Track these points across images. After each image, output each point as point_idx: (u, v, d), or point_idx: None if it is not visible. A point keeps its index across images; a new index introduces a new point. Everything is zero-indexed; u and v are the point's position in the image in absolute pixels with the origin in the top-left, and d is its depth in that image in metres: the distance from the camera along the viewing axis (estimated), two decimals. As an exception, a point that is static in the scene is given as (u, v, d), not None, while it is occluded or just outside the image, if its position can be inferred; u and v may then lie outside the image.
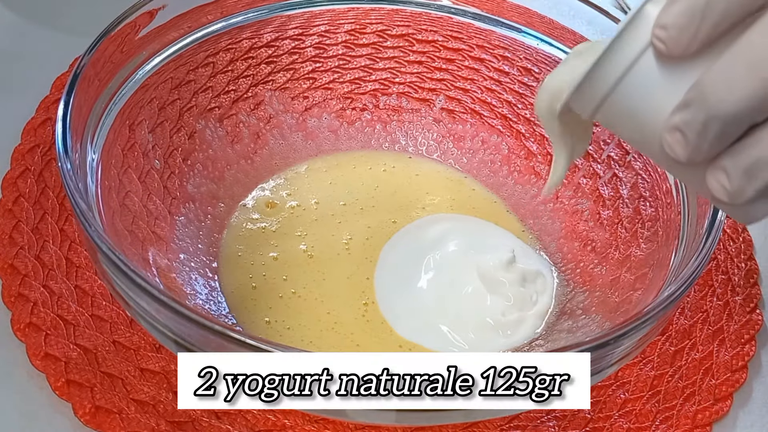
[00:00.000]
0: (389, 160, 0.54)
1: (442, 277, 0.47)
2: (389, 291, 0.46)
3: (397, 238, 0.49)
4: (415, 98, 0.55)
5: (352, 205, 0.51)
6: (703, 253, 0.37)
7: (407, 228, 0.50)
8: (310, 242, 0.48)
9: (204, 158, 0.50)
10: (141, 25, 0.45)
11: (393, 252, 0.48)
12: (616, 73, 0.30)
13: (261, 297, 0.45)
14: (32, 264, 0.44)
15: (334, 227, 0.49)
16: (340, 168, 0.53)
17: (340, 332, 0.44)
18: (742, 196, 0.28)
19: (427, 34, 0.55)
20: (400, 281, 0.47)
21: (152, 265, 0.42)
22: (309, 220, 0.49)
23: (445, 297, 0.46)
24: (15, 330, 0.41)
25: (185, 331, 0.33)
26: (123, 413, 0.38)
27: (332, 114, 0.54)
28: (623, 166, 0.48)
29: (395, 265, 0.48)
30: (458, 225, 0.50)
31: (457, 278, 0.46)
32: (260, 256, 0.47)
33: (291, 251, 0.47)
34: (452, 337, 0.44)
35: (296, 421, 0.39)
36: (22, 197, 0.47)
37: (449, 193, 0.52)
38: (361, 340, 0.43)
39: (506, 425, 0.41)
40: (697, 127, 0.28)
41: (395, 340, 0.44)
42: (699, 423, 0.41)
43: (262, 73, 0.53)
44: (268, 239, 0.48)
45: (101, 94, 0.43)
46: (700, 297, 0.47)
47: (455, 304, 0.45)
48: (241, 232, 0.48)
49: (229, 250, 0.47)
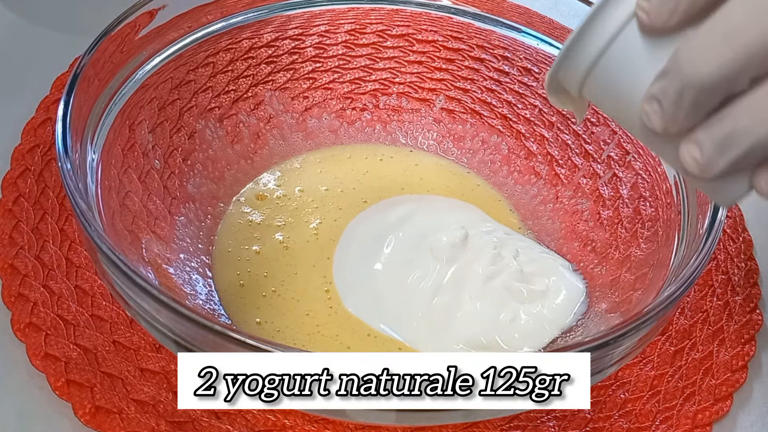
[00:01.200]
0: (388, 151, 0.54)
1: (400, 256, 0.47)
2: (346, 268, 0.46)
3: (362, 216, 0.50)
4: (415, 98, 0.55)
5: (333, 189, 0.51)
6: (703, 253, 0.37)
7: (373, 207, 0.50)
8: (286, 232, 0.48)
9: (204, 158, 0.50)
10: (141, 25, 0.45)
11: (355, 231, 0.49)
12: (599, 45, 0.30)
13: (248, 295, 0.45)
14: (32, 264, 0.44)
15: (309, 213, 0.49)
16: (335, 158, 0.53)
17: (326, 335, 0.43)
18: (713, 169, 0.28)
19: (427, 34, 0.55)
20: (358, 259, 0.47)
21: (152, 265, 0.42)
22: (290, 208, 0.49)
23: (399, 276, 0.46)
24: (15, 330, 0.41)
25: (185, 331, 0.33)
26: (123, 413, 0.38)
27: (332, 114, 0.54)
28: (623, 166, 0.48)
29: (355, 243, 0.48)
30: (425, 205, 0.50)
31: (415, 259, 0.46)
32: (245, 251, 0.47)
33: (270, 243, 0.47)
34: (402, 316, 0.44)
35: (296, 421, 0.39)
36: (22, 197, 0.47)
37: (448, 182, 0.52)
38: (351, 342, 0.43)
39: (506, 425, 0.41)
40: (672, 96, 0.28)
41: (364, 329, 0.44)
42: (699, 423, 0.41)
43: (262, 73, 0.53)
44: (253, 232, 0.48)
45: (101, 94, 0.42)
46: (700, 297, 0.47)
47: (408, 284, 0.45)
48: (232, 227, 0.48)
49: (220, 246, 0.47)
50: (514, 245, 0.47)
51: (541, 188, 0.51)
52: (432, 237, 0.46)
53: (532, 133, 0.53)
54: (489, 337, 0.43)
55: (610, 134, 0.49)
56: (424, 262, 0.46)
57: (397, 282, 0.46)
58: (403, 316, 0.44)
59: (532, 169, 0.52)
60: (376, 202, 0.51)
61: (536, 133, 0.53)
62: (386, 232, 0.48)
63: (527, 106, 0.53)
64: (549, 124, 0.52)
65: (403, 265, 0.46)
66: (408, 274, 0.46)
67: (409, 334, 0.43)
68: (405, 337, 0.43)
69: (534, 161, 0.52)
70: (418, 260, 0.46)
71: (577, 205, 0.50)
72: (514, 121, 0.53)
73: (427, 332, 0.43)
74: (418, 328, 0.44)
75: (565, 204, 0.50)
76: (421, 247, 0.47)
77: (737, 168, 0.28)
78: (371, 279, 0.46)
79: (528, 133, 0.53)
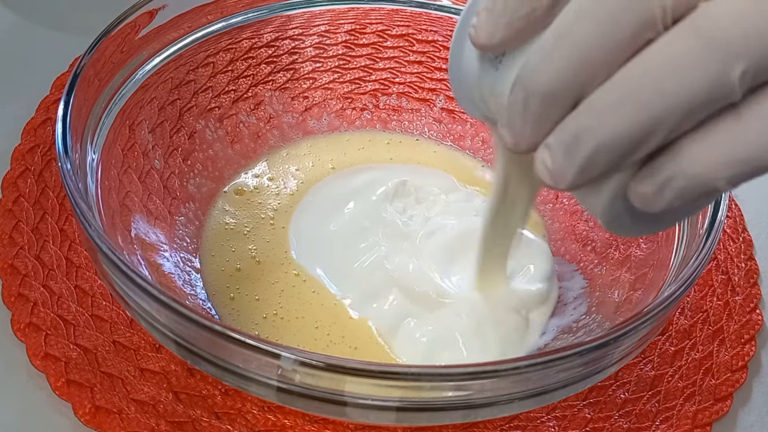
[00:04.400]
0: (396, 137, 0.55)
1: (356, 222, 0.48)
2: (302, 223, 0.48)
3: (326, 180, 0.51)
4: (415, 98, 0.55)
5: (305, 169, 0.52)
6: (703, 253, 0.37)
7: (340, 173, 0.51)
8: (255, 243, 0.47)
9: (204, 158, 0.50)
10: (141, 25, 0.45)
11: (317, 193, 0.50)
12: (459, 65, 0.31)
13: (243, 310, 0.44)
14: (32, 264, 0.44)
15: (272, 197, 0.50)
16: (337, 142, 0.54)
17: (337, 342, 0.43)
18: (565, 176, 0.26)
19: (427, 34, 0.55)
20: (315, 219, 0.48)
21: (152, 265, 0.42)
22: (255, 202, 0.49)
23: (348, 232, 0.47)
24: (15, 330, 0.41)
25: (185, 331, 0.33)
26: (123, 413, 0.39)
27: (332, 114, 0.54)
28: (623, 166, 0.48)
29: (314, 204, 0.49)
30: (393, 173, 0.51)
31: (370, 226, 0.47)
32: (227, 262, 0.46)
33: (241, 252, 0.46)
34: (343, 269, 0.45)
35: (296, 422, 0.39)
36: (22, 197, 0.47)
37: (452, 168, 0.53)
38: (357, 344, 0.43)
39: (506, 425, 0.41)
40: (518, 108, 0.27)
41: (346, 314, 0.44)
42: (699, 423, 0.41)
43: (262, 73, 0.53)
44: (233, 238, 0.47)
45: (101, 94, 0.43)
46: (700, 297, 0.47)
47: (354, 236, 0.47)
48: (213, 229, 0.48)
49: (206, 254, 0.46)
50: (471, 209, 0.48)
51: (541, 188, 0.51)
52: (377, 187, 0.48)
53: (532, 133, 0.53)
54: (422, 288, 0.43)
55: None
56: (375, 221, 0.47)
57: (346, 236, 0.47)
58: (344, 269, 0.45)
59: (532, 169, 0.52)
60: (338, 165, 0.52)
61: (536, 133, 0.53)
62: (348, 195, 0.49)
63: (527, 106, 0.53)
64: (549, 124, 0.52)
65: (356, 224, 0.48)
66: (356, 230, 0.47)
67: (345, 286, 0.45)
68: (340, 287, 0.45)
69: (534, 161, 0.52)
70: (371, 220, 0.48)
71: (577, 205, 0.50)
72: (514, 121, 0.53)
73: (362, 285, 0.45)
74: (354, 281, 0.45)
75: (565, 204, 0.50)
76: (378, 205, 0.48)
77: (593, 176, 0.26)
78: (323, 230, 0.47)
79: (528, 133, 0.53)
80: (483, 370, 0.32)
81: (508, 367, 0.32)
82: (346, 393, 0.32)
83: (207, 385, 0.40)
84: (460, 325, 0.42)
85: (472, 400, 0.33)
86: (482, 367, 0.32)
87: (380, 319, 0.43)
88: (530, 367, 0.32)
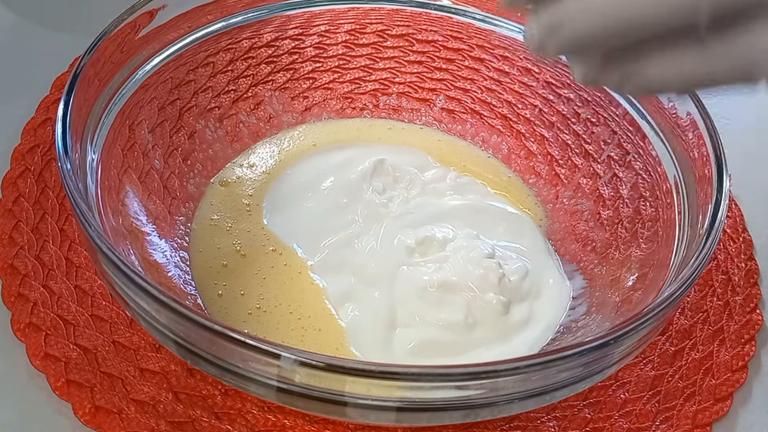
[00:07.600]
0: (397, 125, 0.55)
1: (332, 198, 0.49)
2: (277, 195, 0.49)
3: (305, 157, 0.51)
4: (415, 98, 0.55)
5: (284, 151, 0.52)
6: (703, 253, 0.37)
7: (319, 150, 0.52)
8: (238, 237, 0.47)
9: (204, 158, 0.50)
10: (141, 25, 0.45)
11: (295, 168, 0.50)
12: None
13: (231, 307, 0.44)
14: (32, 264, 0.44)
15: (250, 182, 0.50)
16: (338, 127, 0.54)
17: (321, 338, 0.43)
18: (546, 50, 0.30)
19: (427, 34, 0.55)
20: (290, 193, 0.49)
21: (152, 265, 0.42)
22: (234, 193, 0.49)
23: (323, 206, 0.48)
24: (15, 330, 0.41)
25: (185, 331, 0.33)
26: (123, 413, 0.39)
27: (332, 114, 0.54)
28: (623, 166, 0.48)
29: (291, 178, 0.50)
30: (370, 150, 0.52)
31: (347, 205, 0.48)
32: (214, 259, 0.46)
33: (226, 247, 0.46)
34: (315, 241, 0.46)
35: (296, 422, 0.39)
36: (22, 197, 0.47)
37: (461, 159, 0.53)
38: (320, 326, 0.43)
39: (506, 425, 0.41)
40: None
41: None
42: (699, 423, 0.41)
43: (262, 73, 0.53)
44: (217, 232, 0.47)
45: (101, 94, 0.43)
46: (700, 297, 0.47)
47: (327, 212, 0.48)
48: (200, 224, 0.48)
49: (194, 251, 0.46)
50: (444, 189, 0.49)
51: (541, 188, 0.51)
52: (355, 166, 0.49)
53: (532, 133, 0.53)
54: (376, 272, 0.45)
55: (610, 134, 0.49)
56: (355, 199, 0.48)
57: (321, 210, 0.48)
58: (316, 241, 0.46)
59: (532, 169, 0.52)
60: (321, 143, 0.53)
61: (536, 133, 0.53)
62: (326, 171, 0.50)
63: (527, 106, 0.53)
64: (549, 124, 0.52)
65: (331, 200, 0.49)
66: (331, 207, 0.48)
67: (316, 258, 0.45)
68: (313, 258, 0.45)
69: (534, 161, 0.52)
70: (350, 198, 0.48)
71: (577, 205, 0.50)
72: (514, 121, 0.53)
73: (331, 260, 0.46)
74: (324, 254, 0.46)
75: (565, 204, 0.50)
76: (358, 183, 0.49)
77: (575, 52, 0.30)
78: (299, 203, 0.48)
79: (528, 133, 0.53)
80: (483, 371, 0.32)
81: (508, 367, 0.32)
82: (346, 393, 0.32)
83: (207, 385, 0.40)
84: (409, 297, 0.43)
85: (472, 400, 0.33)
86: (482, 368, 0.32)
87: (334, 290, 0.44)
88: (530, 367, 0.32)
